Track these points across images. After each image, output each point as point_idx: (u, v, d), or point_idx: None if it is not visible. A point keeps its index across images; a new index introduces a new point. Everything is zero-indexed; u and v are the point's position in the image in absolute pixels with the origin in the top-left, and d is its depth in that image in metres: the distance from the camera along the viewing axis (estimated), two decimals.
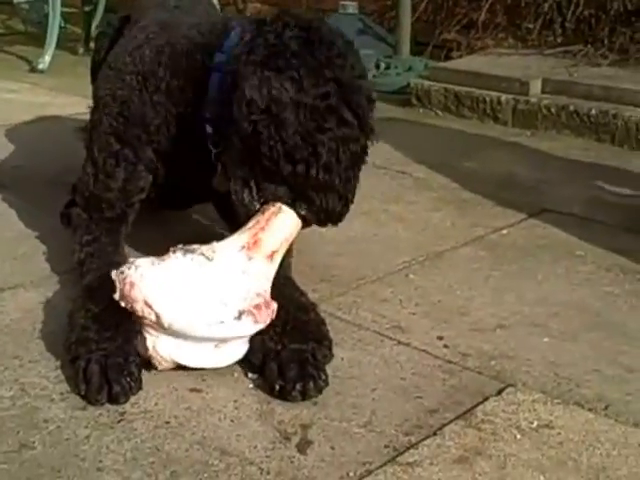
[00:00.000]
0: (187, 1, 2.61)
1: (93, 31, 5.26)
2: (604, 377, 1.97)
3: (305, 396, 1.76)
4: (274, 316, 1.86)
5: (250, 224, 1.94)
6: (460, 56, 4.92)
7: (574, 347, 2.10)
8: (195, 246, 1.88)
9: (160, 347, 1.83)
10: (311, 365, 1.79)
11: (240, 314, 1.80)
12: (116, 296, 1.81)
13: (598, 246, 2.70)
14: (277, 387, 1.79)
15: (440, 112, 4.24)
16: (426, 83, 4.32)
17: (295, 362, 1.79)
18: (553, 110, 3.99)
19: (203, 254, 1.85)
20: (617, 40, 4.79)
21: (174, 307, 1.78)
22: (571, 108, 3.95)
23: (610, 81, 4.11)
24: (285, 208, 1.94)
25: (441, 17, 5.46)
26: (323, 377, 1.80)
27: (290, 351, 1.82)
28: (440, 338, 2.10)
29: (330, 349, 1.90)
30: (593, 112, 3.90)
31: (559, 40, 5.05)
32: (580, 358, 2.05)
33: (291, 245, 2.03)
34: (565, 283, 2.45)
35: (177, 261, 1.84)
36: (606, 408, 1.85)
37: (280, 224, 1.94)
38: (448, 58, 4.97)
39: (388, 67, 4.78)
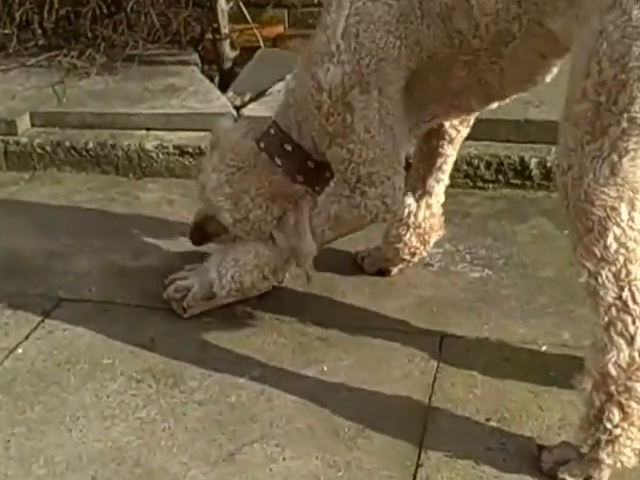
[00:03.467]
0: None
1: None
2: None
3: None
4: None
5: None
6: None
7: None
8: None
9: None
10: None
11: None
12: None
13: (125, 342, 2.53)
14: None
15: None
16: None
17: None
18: (48, 148, 3.69)
19: None
20: (100, 36, 4.56)
21: None
22: (67, 144, 3.68)
23: (102, 102, 3.89)
24: None
25: None
26: None
27: None
28: None
29: None
30: (90, 145, 3.66)
31: (41, 43, 4.71)
32: None
33: None
34: (98, 420, 2.24)
35: None
36: None
37: None
38: None
39: None
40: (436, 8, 2.14)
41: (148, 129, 3.74)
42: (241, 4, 4.42)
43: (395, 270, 2.83)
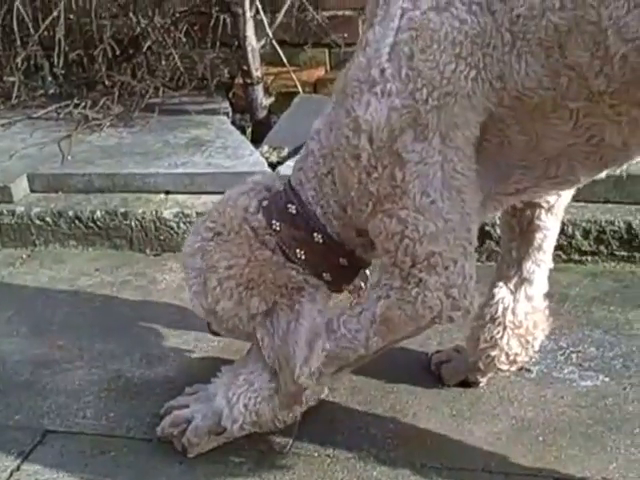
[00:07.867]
0: None
1: None
2: None
3: None
4: None
5: None
6: None
7: None
8: None
9: None
10: None
11: None
12: None
13: None
14: None
15: None
16: None
17: None
18: (49, 219, 3.07)
19: None
20: (117, 83, 3.98)
21: None
22: (70, 213, 3.05)
23: (113, 160, 3.27)
24: None
25: None
26: None
27: None
28: None
29: None
30: (98, 214, 3.03)
31: (51, 92, 4.14)
32: None
33: None
34: None
35: None
36: None
37: None
38: None
39: None
40: (539, 32, 1.47)
41: (167, 192, 3.12)
42: (275, 43, 3.78)
43: (484, 380, 2.16)
